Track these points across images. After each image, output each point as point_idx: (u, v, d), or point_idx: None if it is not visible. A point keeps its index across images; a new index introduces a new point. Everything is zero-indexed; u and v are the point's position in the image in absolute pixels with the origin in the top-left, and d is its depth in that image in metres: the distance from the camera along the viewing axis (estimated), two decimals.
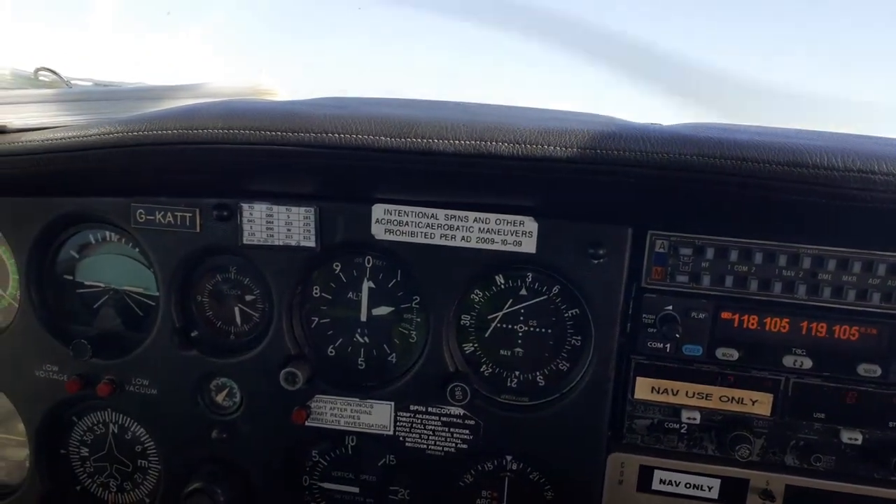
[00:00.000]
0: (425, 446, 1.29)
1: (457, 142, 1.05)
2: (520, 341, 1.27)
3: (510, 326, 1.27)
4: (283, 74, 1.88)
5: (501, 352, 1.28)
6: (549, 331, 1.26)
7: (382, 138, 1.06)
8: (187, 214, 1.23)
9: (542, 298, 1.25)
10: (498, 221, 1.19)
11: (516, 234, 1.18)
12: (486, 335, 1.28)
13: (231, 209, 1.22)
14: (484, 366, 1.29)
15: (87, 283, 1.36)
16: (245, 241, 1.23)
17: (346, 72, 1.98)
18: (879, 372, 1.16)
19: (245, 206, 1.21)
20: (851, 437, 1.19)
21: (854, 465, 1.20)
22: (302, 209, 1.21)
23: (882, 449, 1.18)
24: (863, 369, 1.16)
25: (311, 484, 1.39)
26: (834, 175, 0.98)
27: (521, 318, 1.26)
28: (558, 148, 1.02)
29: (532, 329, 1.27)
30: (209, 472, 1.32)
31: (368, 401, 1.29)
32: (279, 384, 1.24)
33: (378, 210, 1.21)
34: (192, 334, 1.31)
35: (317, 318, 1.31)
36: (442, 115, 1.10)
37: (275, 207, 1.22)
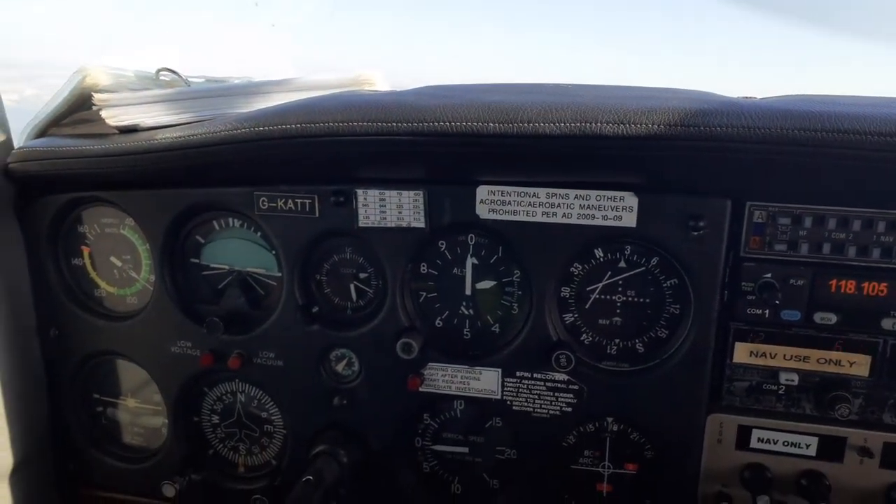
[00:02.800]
0: (531, 409, 1.38)
1: (562, 124, 1.11)
2: (618, 311, 1.34)
3: (609, 297, 1.34)
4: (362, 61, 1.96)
5: (601, 321, 1.35)
6: (648, 300, 1.32)
7: (491, 124, 1.13)
8: (307, 201, 1.33)
9: (640, 270, 1.31)
10: (598, 198, 1.25)
11: (616, 209, 1.24)
12: (586, 306, 1.35)
13: (347, 195, 1.31)
14: (584, 334, 1.36)
15: (212, 265, 1.49)
16: (360, 224, 1.32)
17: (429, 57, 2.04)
18: None
19: (360, 191, 1.31)
20: None
21: None
22: (412, 193, 1.30)
23: None
24: None
25: (423, 445, 1.50)
26: None
27: (620, 288, 1.33)
28: (662, 126, 1.07)
29: (630, 299, 1.33)
30: (332, 435, 1.44)
31: (477, 368, 1.38)
32: (395, 354, 1.35)
33: (482, 191, 1.28)
34: (314, 310, 1.43)
35: (424, 293, 1.40)
36: (543, 99, 1.16)
37: (387, 192, 1.30)
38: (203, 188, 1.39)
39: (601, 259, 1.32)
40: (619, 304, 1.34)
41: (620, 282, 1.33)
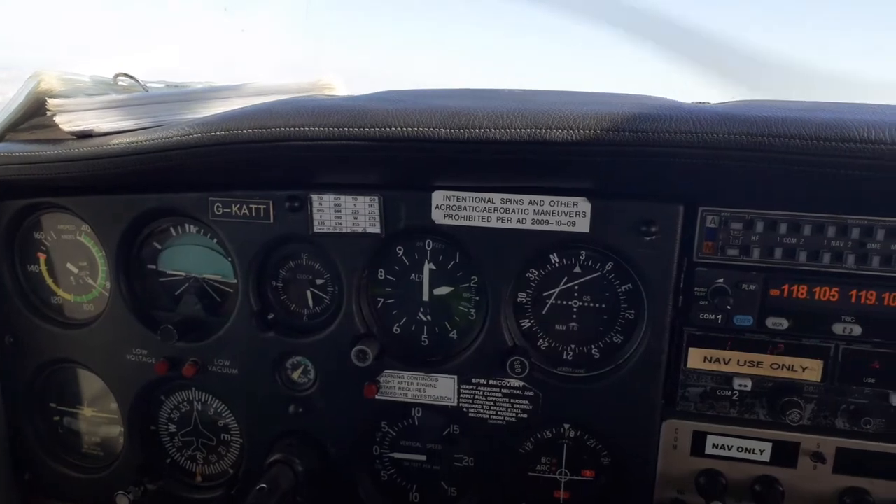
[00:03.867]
0: (487, 416, 1.37)
1: (513, 130, 1.11)
2: (574, 316, 1.34)
3: (565, 302, 1.34)
4: (335, 66, 1.96)
5: (557, 327, 1.35)
6: (603, 305, 1.32)
7: (442, 130, 1.13)
8: (261, 206, 1.32)
9: (595, 275, 1.31)
10: (552, 203, 1.25)
11: (570, 214, 1.24)
12: (543, 312, 1.35)
13: (302, 200, 1.31)
14: (541, 340, 1.36)
15: (168, 272, 1.47)
16: (315, 230, 1.32)
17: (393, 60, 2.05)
18: None
19: (314, 196, 1.30)
20: None
21: None
22: (367, 198, 1.29)
23: None
24: None
25: (381, 453, 1.48)
26: (881, 149, 1.01)
27: (576, 294, 1.33)
28: (610, 132, 1.08)
29: (586, 304, 1.33)
30: (288, 443, 1.42)
31: (433, 375, 1.37)
32: (351, 361, 1.34)
33: (437, 196, 1.28)
34: (269, 317, 1.41)
35: (382, 299, 1.39)
36: (497, 105, 1.16)
37: (342, 197, 1.30)
38: (158, 194, 1.38)
39: (557, 264, 1.32)
40: (575, 310, 1.34)
41: (576, 287, 1.33)
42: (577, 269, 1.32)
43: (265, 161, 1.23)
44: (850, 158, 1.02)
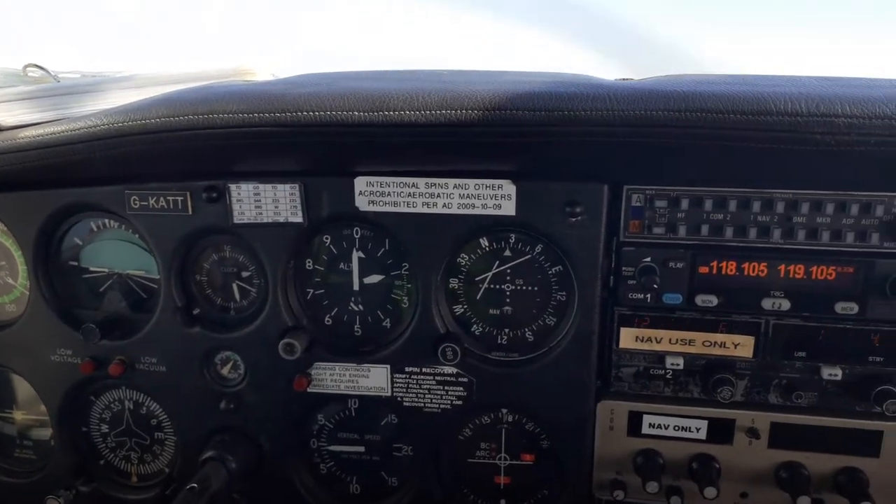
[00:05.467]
0: (422, 405, 1.35)
1: (428, 112, 1.07)
2: (508, 300, 1.32)
3: (498, 287, 1.31)
4: (266, 50, 1.91)
5: (491, 311, 1.33)
6: (536, 288, 1.30)
7: (355, 113, 1.09)
8: (179, 198, 1.28)
9: (526, 258, 1.29)
10: (477, 186, 1.22)
11: (495, 197, 1.22)
12: (477, 297, 1.32)
13: (220, 190, 1.26)
14: (475, 325, 1.34)
15: (91, 268, 1.42)
16: (235, 221, 1.27)
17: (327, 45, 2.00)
18: (857, 309, 1.19)
19: (233, 186, 1.26)
20: (832, 373, 1.22)
21: (835, 399, 1.24)
22: (287, 186, 1.25)
23: (862, 383, 1.22)
24: (840, 307, 1.19)
25: (319, 446, 1.46)
26: (797, 121, 0.99)
27: (508, 278, 1.30)
28: (526, 112, 1.05)
29: (519, 288, 1.31)
30: (220, 440, 1.39)
31: (365, 365, 1.34)
32: (279, 354, 1.30)
33: (360, 182, 1.24)
34: (195, 312, 1.37)
35: (312, 290, 1.36)
36: (414, 86, 1.12)
37: (261, 186, 1.25)
38: (73, 188, 1.33)
39: (487, 248, 1.29)
40: (508, 294, 1.31)
41: (508, 271, 1.30)
42: (508, 253, 1.29)
43: (176, 151, 1.19)
44: (768, 132, 1.01)
